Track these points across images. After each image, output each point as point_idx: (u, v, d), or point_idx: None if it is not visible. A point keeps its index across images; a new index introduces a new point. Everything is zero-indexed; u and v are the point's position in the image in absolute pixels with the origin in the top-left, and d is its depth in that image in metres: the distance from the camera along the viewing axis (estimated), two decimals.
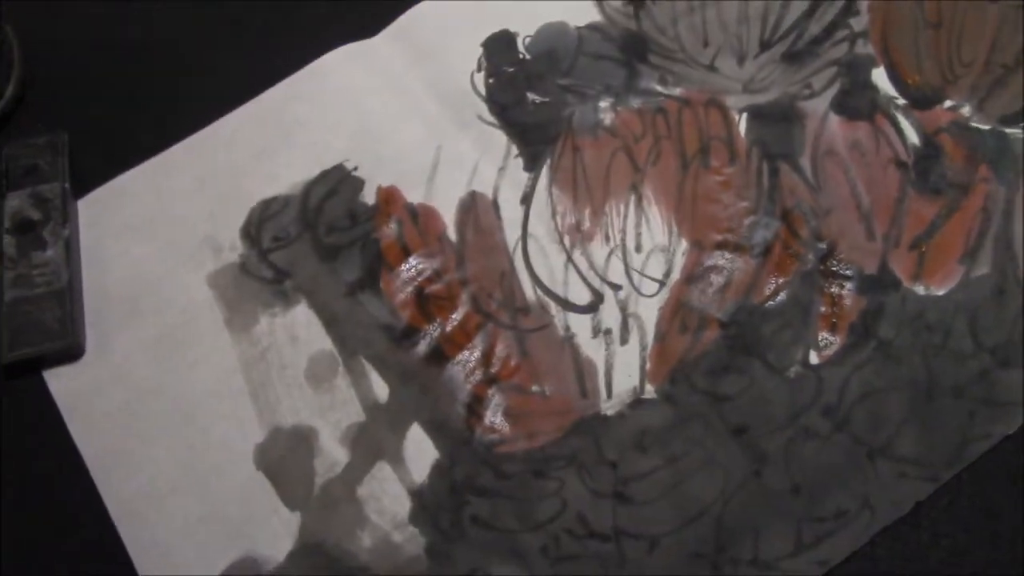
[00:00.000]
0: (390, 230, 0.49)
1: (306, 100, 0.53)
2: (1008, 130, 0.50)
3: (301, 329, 0.47)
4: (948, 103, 0.51)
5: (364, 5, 0.56)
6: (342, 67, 0.54)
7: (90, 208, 0.51)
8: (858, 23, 0.54)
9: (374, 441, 0.45)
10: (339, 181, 0.51)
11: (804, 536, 0.42)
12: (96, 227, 0.50)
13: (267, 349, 0.47)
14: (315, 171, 0.51)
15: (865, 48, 0.53)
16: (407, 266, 0.48)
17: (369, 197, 0.50)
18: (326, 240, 0.49)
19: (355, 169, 0.51)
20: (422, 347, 0.46)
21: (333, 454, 0.45)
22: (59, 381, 0.47)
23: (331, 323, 0.47)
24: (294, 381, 0.46)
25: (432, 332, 0.47)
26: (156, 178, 0.51)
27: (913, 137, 0.50)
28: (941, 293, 0.47)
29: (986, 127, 0.50)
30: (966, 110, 0.51)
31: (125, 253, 0.50)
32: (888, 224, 0.48)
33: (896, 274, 0.47)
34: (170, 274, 0.49)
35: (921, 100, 0.51)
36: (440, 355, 0.46)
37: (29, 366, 0.47)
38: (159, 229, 0.50)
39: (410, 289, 0.48)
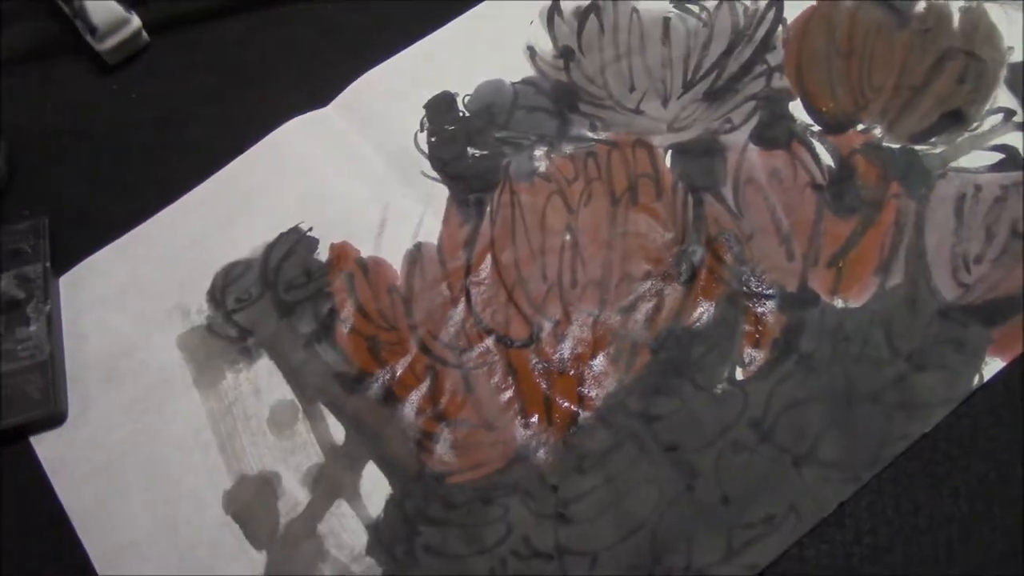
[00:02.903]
0: (342, 284, 0.53)
1: (264, 169, 0.57)
2: (917, 147, 0.53)
3: (263, 381, 0.51)
4: (861, 126, 0.54)
5: (320, 77, 0.60)
6: (296, 136, 0.58)
7: (69, 284, 0.55)
8: (774, 58, 0.57)
9: (333, 481, 0.48)
10: (295, 242, 0.55)
11: (734, 543, 0.45)
12: (75, 301, 0.54)
13: (233, 403, 0.51)
14: (274, 234, 0.55)
15: (781, 81, 0.56)
16: (359, 316, 0.52)
17: (323, 255, 0.54)
18: (285, 297, 0.53)
19: (310, 230, 0.55)
20: (374, 390, 0.50)
21: (295, 495, 0.48)
22: (44, 446, 0.50)
23: (291, 374, 0.51)
24: (258, 430, 0.50)
25: (383, 376, 0.50)
26: (128, 253, 0.55)
27: (828, 160, 0.53)
28: (858, 305, 0.49)
29: (897, 146, 0.53)
30: (878, 131, 0.54)
31: (102, 324, 0.53)
32: (807, 244, 0.51)
33: (815, 290, 0.50)
34: (143, 341, 0.53)
35: (835, 125, 0.55)
36: (391, 397, 0.50)
37: (17, 433, 0.50)
38: (132, 300, 0.54)
39: (362, 338, 0.51)
